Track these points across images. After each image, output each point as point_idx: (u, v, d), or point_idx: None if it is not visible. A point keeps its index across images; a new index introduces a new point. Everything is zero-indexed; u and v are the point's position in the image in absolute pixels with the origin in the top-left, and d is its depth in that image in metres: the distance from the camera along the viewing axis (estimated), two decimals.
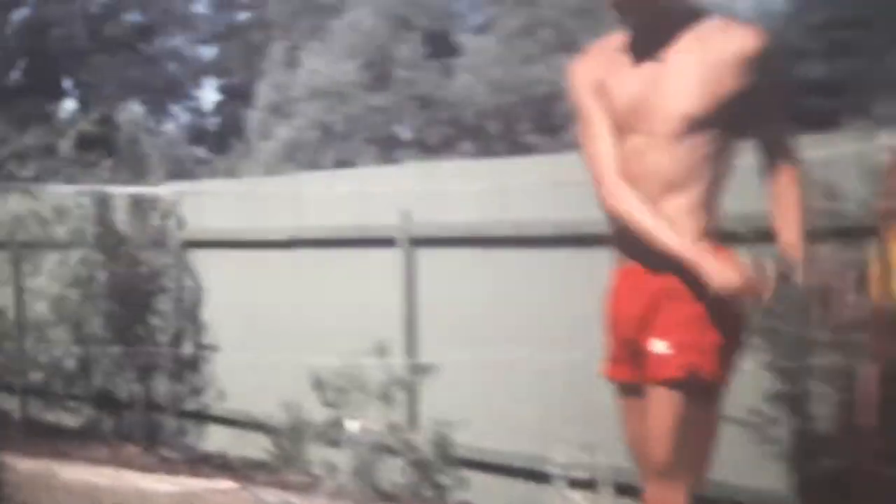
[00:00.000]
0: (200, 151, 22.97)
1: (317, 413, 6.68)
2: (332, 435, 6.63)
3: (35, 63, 21.50)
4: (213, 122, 30.45)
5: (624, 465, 3.81)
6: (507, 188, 5.88)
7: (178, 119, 29.92)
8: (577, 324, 5.74)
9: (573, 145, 3.82)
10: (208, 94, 30.86)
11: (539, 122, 17.67)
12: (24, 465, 7.83)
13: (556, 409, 5.87)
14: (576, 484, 5.61)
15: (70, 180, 7.86)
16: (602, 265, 3.47)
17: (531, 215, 5.87)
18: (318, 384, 6.62)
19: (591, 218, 3.76)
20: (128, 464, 7.59)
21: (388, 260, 6.45)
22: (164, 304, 7.62)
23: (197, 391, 7.59)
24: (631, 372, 3.37)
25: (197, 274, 7.53)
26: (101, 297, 7.89)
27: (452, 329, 6.19)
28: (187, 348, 7.57)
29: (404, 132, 16.79)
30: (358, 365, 6.43)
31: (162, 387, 7.70)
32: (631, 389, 3.41)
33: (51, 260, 8.24)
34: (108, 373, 7.94)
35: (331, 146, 15.83)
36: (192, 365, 7.59)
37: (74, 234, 7.99)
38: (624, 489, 5.27)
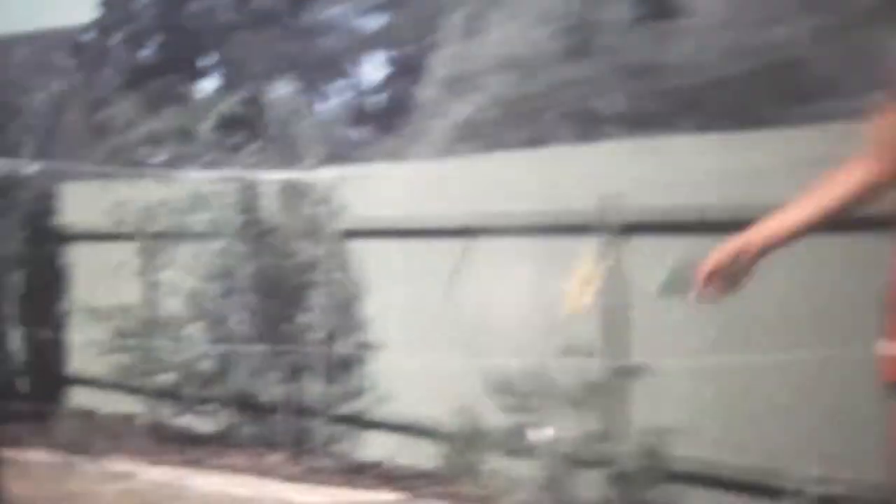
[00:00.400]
0: (362, 132, 21.62)
1: (495, 419, 6.07)
2: (514, 444, 6.02)
3: (171, 39, 20.23)
4: (376, 101, 27.60)
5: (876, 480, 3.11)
6: (735, 167, 5.20)
7: (335, 97, 27.25)
8: (821, 319, 5.08)
9: (815, 118, 3.26)
10: (371, 70, 27.34)
11: (777, 93, 15.65)
12: (152, 474, 7.37)
13: (792, 417, 5.18)
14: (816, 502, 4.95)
15: (210, 166, 7.27)
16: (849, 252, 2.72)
17: (761, 198, 5.20)
18: (499, 387, 6.00)
19: None
20: (271, 473, 7.05)
21: (585, 250, 5.79)
22: (316, 298, 7.00)
23: (353, 394, 6.95)
24: None
25: (355, 266, 6.90)
26: (243, 291, 7.30)
27: (667, 327, 5.50)
28: (343, 347, 6.94)
29: (607, 107, 15.35)
30: (547, 367, 5.82)
31: (312, 389, 7.08)
32: None
33: (186, 252, 7.64)
34: (250, 374, 7.34)
35: (518, 124, 14.62)
36: (348, 365, 6.95)
37: (214, 223, 7.40)
38: None
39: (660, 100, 13.73)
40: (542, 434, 5.96)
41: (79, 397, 8.88)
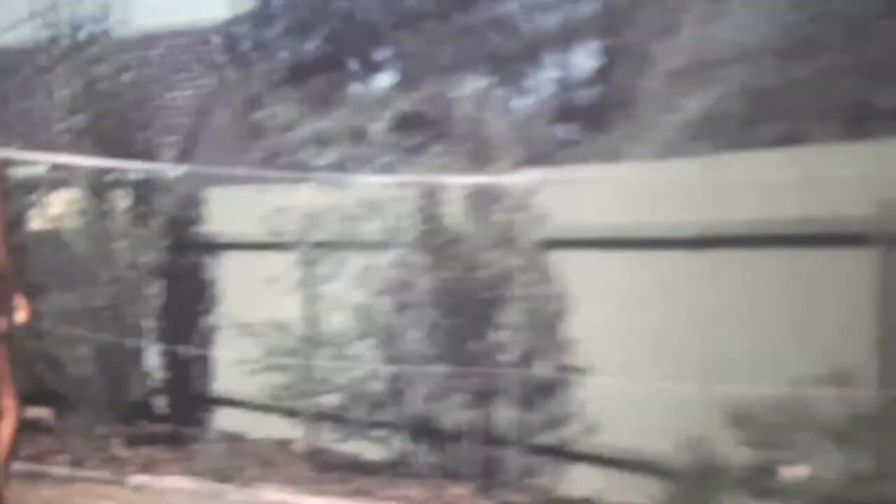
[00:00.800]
0: (568, 131, 19.69)
1: (734, 455, 5.35)
2: (759, 483, 5.31)
3: (339, 30, 18.83)
4: (586, 95, 24.31)
5: None
6: None
7: (537, 92, 23.88)
8: None
9: None
10: (581, 60, 23.28)
11: None
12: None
13: None
14: None
15: (384, 169, 6.59)
16: None
17: None
18: (741, 418, 5.29)
19: None
20: None
21: (856, 262, 5.06)
22: (511, 315, 6.28)
23: (555, 422, 6.22)
24: None
25: (558, 279, 6.18)
26: (422, 306, 6.62)
27: None
28: (543, 370, 6.22)
29: (882, 99, 13.68)
30: (801, 395, 5.09)
31: (504, 416, 6.37)
32: None
33: (354, 263, 6.96)
34: (429, 397, 6.64)
35: (766, 119, 13.21)
36: (549, 390, 6.24)
37: (389, 232, 6.73)
38: None
39: None
40: (796, 472, 5.26)
41: (226, 420, 8.21)
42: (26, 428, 8.03)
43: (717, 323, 5.59)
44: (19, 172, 9.00)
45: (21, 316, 5.60)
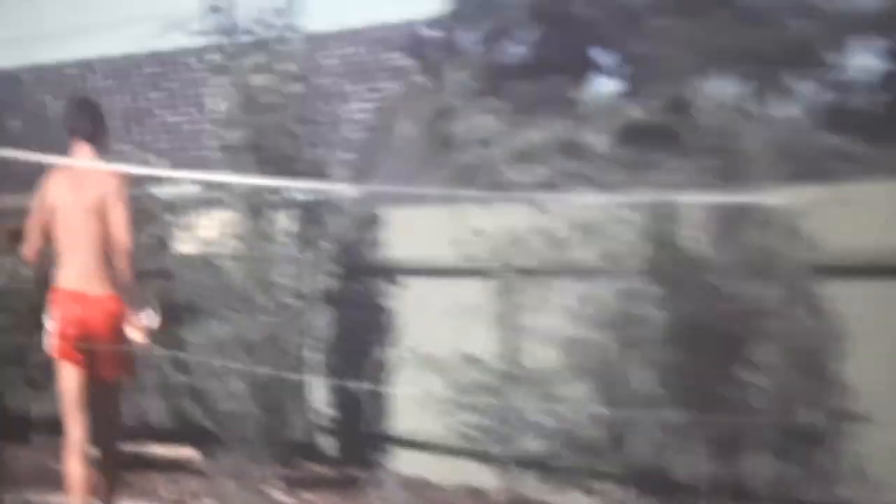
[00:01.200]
0: (844, 142, 18.11)
1: None
2: None
3: (552, 34, 17.49)
4: (867, 100, 21.85)
5: None
6: None
7: (805, 98, 21.46)
8: None
9: None
10: (862, 61, 20.78)
11: None
12: None
13: None
14: None
15: (608, 187, 5.86)
16: None
17: None
18: None
19: None
20: None
21: None
22: (769, 353, 5.49)
23: (828, 478, 5.41)
24: None
25: (830, 312, 5.38)
26: (653, 342, 5.83)
27: None
28: (811, 417, 5.42)
29: None
30: None
31: (760, 469, 5.57)
32: None
33: (565, 292, 6.18)
34: (662, 445, 5.85)
35: None
36: (817, 440, 5.44)
37: (612, 257, 5.95)
38: None
39: None
40: None
41: (405, 463, 7.44)
42: (171, 468, 7.40)
43: None
44: (166, 191, 8.38)
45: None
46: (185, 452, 7.88)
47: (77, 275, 5.59)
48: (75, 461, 5.75)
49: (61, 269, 5.67)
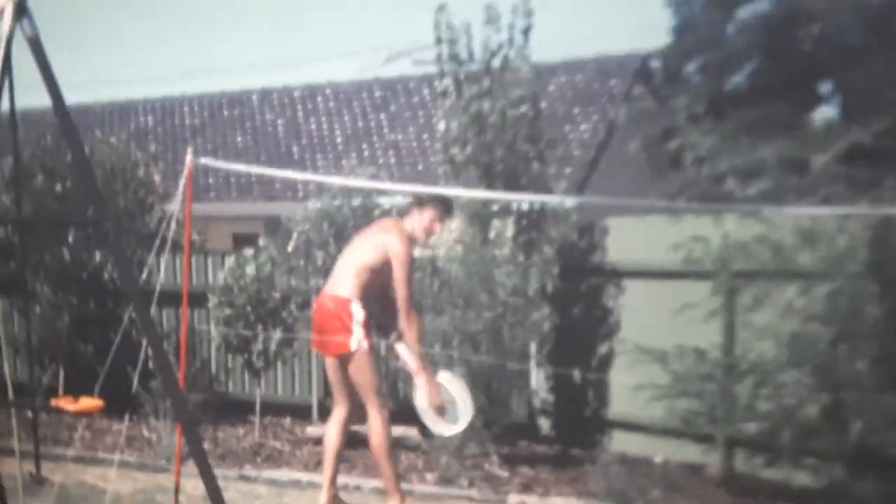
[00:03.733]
0: None
1: None
2: None
3: (769, 65, 18.33)
4: None
5: None
6: None
7: None
8: None
9: None
10: None
11: None
12: None
13: None
14: None
15: (825, 201, 6.35)
16: None
17: None
18: None
19: None
20: None
21: None
22: None
23: None
24: None
25: None
26: (866, 336, 6.34)
27: None
28: None
29: None
30: None
31: None
32: None
33: (782, 294, 6.70)
34: (876, 427, 6.34)
35: None
36: None
37: (828, 262, 6.46)
38: None
39: None
40: None
41: (622, 444, 7.99)
42: (393, 445, 7.92)
43: None
44: (385, 201, 8.93)
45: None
46: (405, 431, 8.39)
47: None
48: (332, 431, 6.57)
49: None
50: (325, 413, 8.62)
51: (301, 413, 9.60)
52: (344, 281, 6.30)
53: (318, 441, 8.19)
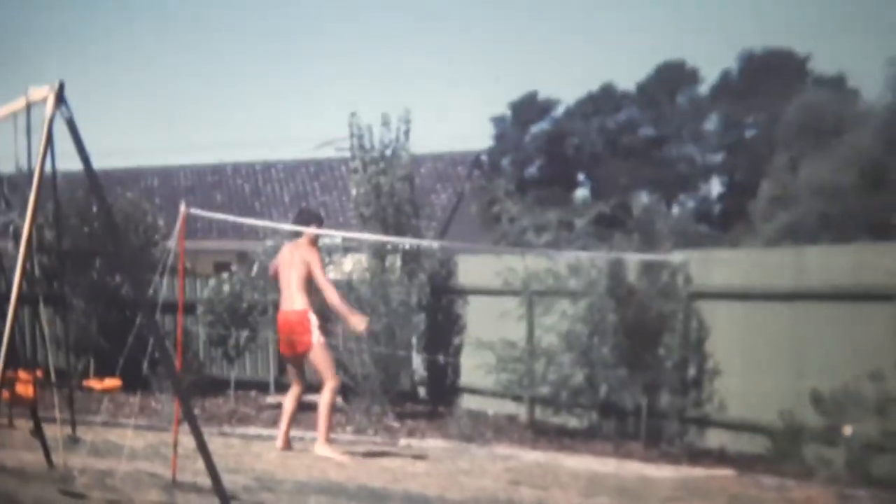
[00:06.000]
0: (705, 228, 26.67)
1: (812, 420, 7.69)
2: (827, 437, 7.56)
3: (551, 162, 27.63)
4: (717, 208, 36.20)
5: None
6: None
7: (685, 205, 35.49)
8: None
9: None
10: (713, 188, 38.36)
11: None
12: (530, 456, 8.67)
13: None
14: None
15: (584, 248, 9.18)
16: None
17: None
18: (817, 399, 7.72)
19: None
20: (629, 456, 8.61)
21: (878, 310, 7.67)
22: (671, 339, 8.85)
23: (699, 403, 8.80)
24: None
25: (702, 317, 8.81)
26: (610, 332, 9.13)
27: None
28: (691, 371, 8.81)
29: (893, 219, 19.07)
30: (855, 385, 7.51)
31: (666, 399, 8.91)
32: None
33: (560, 305, 9.47)
34: (614, 388, 9.13)
35: (826, 229, 18.50)
36: (696, 384, 8.82)
37: (586, 286, 9.25)
38: None
39: None
40: (848, 430, 7.61)
41: (468, 402, 10.82)
42: (306, 408, 9.83)
43: (803, 341, 8.20)
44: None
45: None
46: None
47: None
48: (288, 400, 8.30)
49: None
50: (279, 387, 11.19)
51: (262, 387, 12.03)
52: (296, 298, 7.97)
53: (275, 406, 10.26)
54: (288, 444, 8.14)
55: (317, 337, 7.95)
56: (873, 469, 7.46)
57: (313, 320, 7.97)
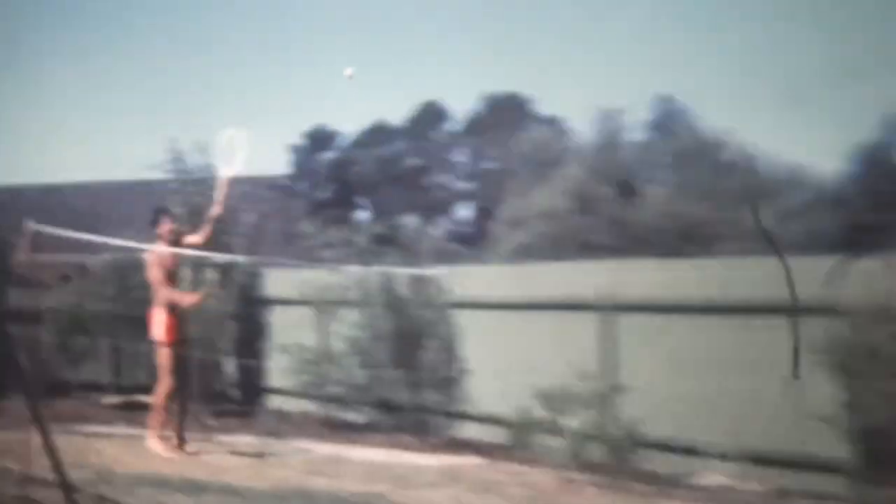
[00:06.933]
0: (457, 247, 29.41)
1: (540, 414, 8.52)
2: (551, 428, 8.47)
3: (338, 188, 32.26)
4: (467, 229, 42.45)
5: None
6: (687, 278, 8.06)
7: (442, 226, 41.26)
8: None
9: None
10: (463, 211, 45.44)
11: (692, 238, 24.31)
12: (324, 449, 9.35)
13: (707, 413, 7.98)
14: (716, 456, 7.67)
15: (364, 263, 10.03)
16: None
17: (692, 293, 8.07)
18: (542, 396, 8.62)
19: None
20: (401, 447, 9.37)
21: (590, 320, 8.65)
22: (432, 343, 9.75)
23: (455, 399, 9.70)
24: None
25: (456, 324, 9.72)
26: (383, 338, 9.99)
27: (640, 363, 8.33)
28: (448, 372, 9.71)
29: (598, 240, 22.25)
30: (570, 384, 8.43)
31: (429, 396, 9.79)
32: None
33: (347, 313, 10.29)
34: (388, 387, 9.98)
35: (549, 247, 21.16)
36: (452, 382, 9.71)
37: (366, 296, 10.09)
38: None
39: (627, 239, 19.27)
40: (567, 422, 8.48)
41: (273, 402, 11.58)
42: (140, 408, 10.66)
43: (533, 344, 9.17)
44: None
45: None
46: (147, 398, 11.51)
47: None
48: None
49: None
50: (117, 389, 11.89)
51: (104, 389, 12.29)
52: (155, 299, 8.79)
53: (115, 407, 11.14)
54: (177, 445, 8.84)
55: (163, 335, 8.68)
56: (587, 455, 8.40)
57: (163, 318, 8.67)
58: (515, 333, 9.32)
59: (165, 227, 9.14)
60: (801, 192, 28.64)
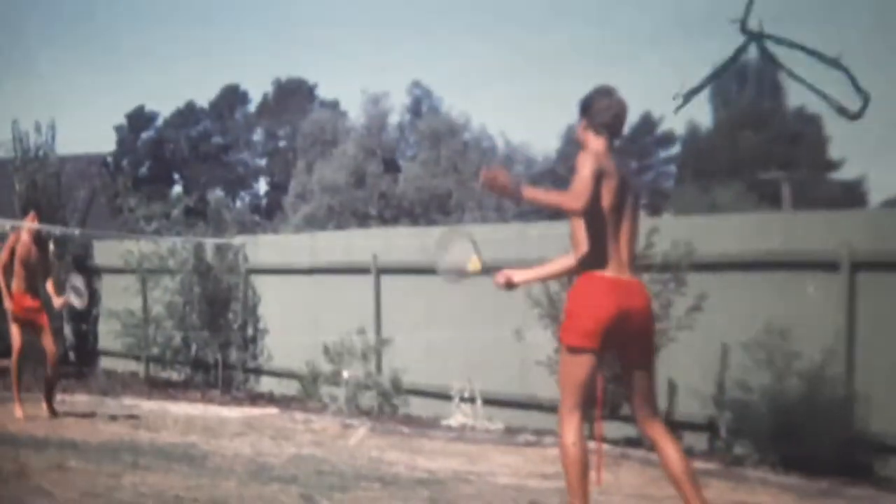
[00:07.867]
0: (257, 218, 30.64)
1: (325, 367, 9.24)
2: (334, 379, 9.16)
3: (155, 164, 33.77)
4: (264, 202, 46.04)
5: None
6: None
7: (244, 199, 46.80)
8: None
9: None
10: (261, 186, 49.33)
11: (443, 208, 27.57)
12: (148, 405, 9.90)
13: (457, 362, 8.73)
14: (463, 400, 8.42)
15: (178, 234, 10.61)
16: None
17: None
18: (326, 351, 9.26)
19: None
20: (212, 401, 9.97)
21: (365, 282, 9.33)
22: (235, 306, 10.37)
23: (255, 356, 10.33)
24: None
25: (256, 288, 10.35)
26: (195, 302, 10.58)
27: (404, 319, 9.04)
28: (250, 332, 10.34)
29: (372, 211, 23.97)
30: (349, 339, 9.13)
31: (234, 354, 10.41)
32: None
33: (165, 280, 10.87)
34: (200, 347, 10.57)
35: (332, 218, 22.78)
36: (253, 341, 10.35)
37: (180, 264, 10.62)
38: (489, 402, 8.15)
39: (394, 210, 20.46)
40: (347, 374, 9.22)
41: (105, 363, 12.11)
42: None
43: (320, 307, 9.83)
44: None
45: None
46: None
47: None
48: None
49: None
50: None
51: None
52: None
53: None
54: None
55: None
56: (362, 403, 9.12)
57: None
58: (302, 295, 9.95)
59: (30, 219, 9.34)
60: (527, 165, 33.25)
